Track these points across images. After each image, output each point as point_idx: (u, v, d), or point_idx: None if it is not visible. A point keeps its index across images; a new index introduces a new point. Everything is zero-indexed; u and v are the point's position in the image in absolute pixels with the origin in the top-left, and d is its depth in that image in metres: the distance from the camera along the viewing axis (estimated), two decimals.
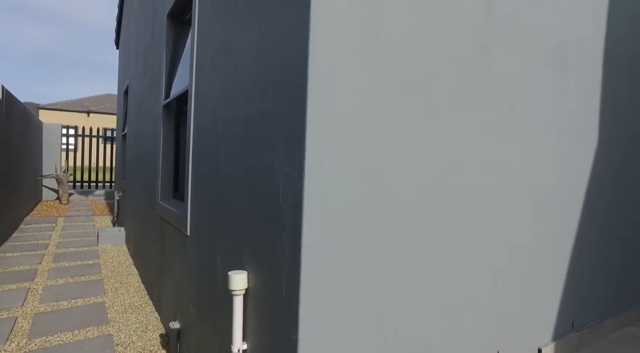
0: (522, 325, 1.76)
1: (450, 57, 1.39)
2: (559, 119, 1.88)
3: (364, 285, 1.18)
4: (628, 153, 2.38)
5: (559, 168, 1.90)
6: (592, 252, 2.15)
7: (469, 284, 1.51)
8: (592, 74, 2.09)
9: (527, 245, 1.76)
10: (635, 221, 2.47)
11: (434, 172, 1.36)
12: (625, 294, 2.40)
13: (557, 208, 1.91)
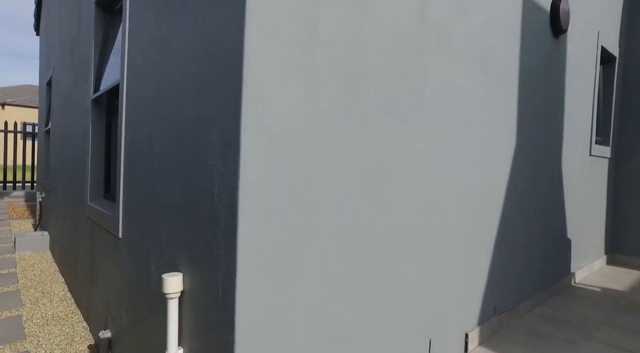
0: (452, 313, 1.90)
1: (385, 59, 1.46)
2: (484, 120, 2.05)
3: (300, 282, 1.21)
4: (540, 152, 2.65)
5: (484, 165, 2.07)
6: (512, 243, 2.36)
7: (403, 277, 1.60)
8: (512, 82, 2.29)
9: (456, 239, 1.90)
10: (544, 213, 2.76)
11: (367, 169, 1.42)
12: (536, 279, 2.68)
13: (484, 203, 2.08)
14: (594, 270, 3.69)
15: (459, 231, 1.92)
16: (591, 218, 3.60)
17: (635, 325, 2.38)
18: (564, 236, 3.08)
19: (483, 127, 2.05)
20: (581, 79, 3.22)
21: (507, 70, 2.24)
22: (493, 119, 2.14)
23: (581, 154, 3.31)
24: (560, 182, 2.97)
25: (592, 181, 3.58)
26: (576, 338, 2.17)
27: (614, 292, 3.03)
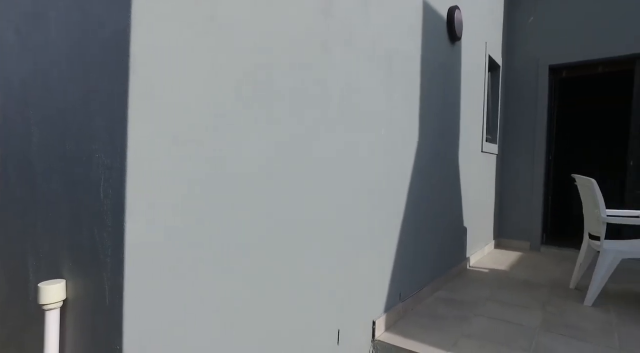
0: (359, 303, 1.97)
1: (291, 52, 1.45)
2: (389, 116, 2.16)
3: (200, 282, 1.15)
4: (440, 148, 2.89)
5: (389, 159, 2.19)
6: (414, 232, 2.54)
7: (309, 269, 1.61)
8: (415, 82, 2.45)
9: (362, 230, 1.97)
10: (443, 204, 3.02)
11: (271, 163, 1.41)
12: (437, 265, 2.92)
13: (388, 195, 2.20)
14: (485, 253, 4.15)
15: (365, 223, 2.01)
16: (483, 208, 4.04)
17: (510, 299, 2.72)
18: (460, 225, 3.41)
19: (388, 122, 2.16)
20: (474, 83, 3.58)
21: (409, 70, 2.39)
22: (397, 115, 2.27)
23: (474, 151, 3.69)
24: (457, 176, 3.27)
25: (484, 175, 4.01)
26: (467, 315, 2.41)
27: (498, 272, 3.44)
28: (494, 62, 4.19)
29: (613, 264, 2.54)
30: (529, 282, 3.17)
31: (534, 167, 4.42)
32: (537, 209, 4.40)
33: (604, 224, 2.56)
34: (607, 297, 2.82)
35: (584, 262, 2.92)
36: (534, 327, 2.24)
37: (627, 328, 2.26)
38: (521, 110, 4.52)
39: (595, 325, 2.31)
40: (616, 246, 2.59)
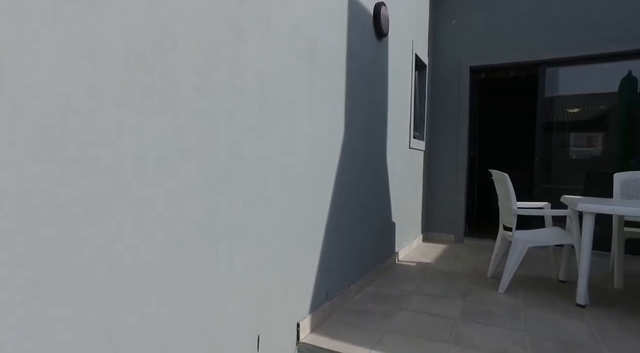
0: (282, 305, 1.88)
1: (197, 38, 1.30)
2: (313, 110, 2.08)
3: (97, 291, 0.98)
4: (367, 143, 2.89)
5: (313, 155, 2.12)
6: (342, 230, 2.51)
7: (223, 273, 1.48)
8: (340, 75, 2.41)
9: (284, 230, 1.88)
10: (372, 200, 3.04)
11: (170, 159, 1.26)
12: (365, 261, 2.93)
13: (313, 192, 2.13)
14: (413, 247, 4.28)
15: (288, 222, 1.92)
16: (412, 203, 4.16)
17: (435, 291, 2.81)
18: (389, 220, 3.46)
19: (311, 117, 2.09)
20: (401, 80, 3.65)
21: (335, 63, 2.34)
22: (322, 109, 2.20)
23: (402, 147, 3.77)
24: (385, 172, 3.31)
25: (412, 170, 4.13)
26: (393, 310, 2.43)
27: (425, 265, 3.56)
28: (420, 61, 4.33)
29: (522, 252, 2.72)
30: (452, 273, 3.30)
31: (457, 163, 4.66)
32: (460, 203, 4.64)
33: (515, 216, 2.73)
34: (517, 282, 3.02)
35: (499, 251, 3.10)
36: (455, 317, 2.32)
37: (530, 311, 2.43)
38: (446, 108, 4.73)
39: (506, 310, 2.44)
40: (524, 236, 2.78)
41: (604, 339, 2.07)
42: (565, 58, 4.13)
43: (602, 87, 4.13)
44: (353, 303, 2.54)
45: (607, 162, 4.12)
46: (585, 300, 2.52)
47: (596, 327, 2.23)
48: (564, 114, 4.29)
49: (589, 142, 4.28)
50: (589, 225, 2.45)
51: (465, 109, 4.60)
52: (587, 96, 4.21)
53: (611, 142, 4.13)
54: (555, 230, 2.94)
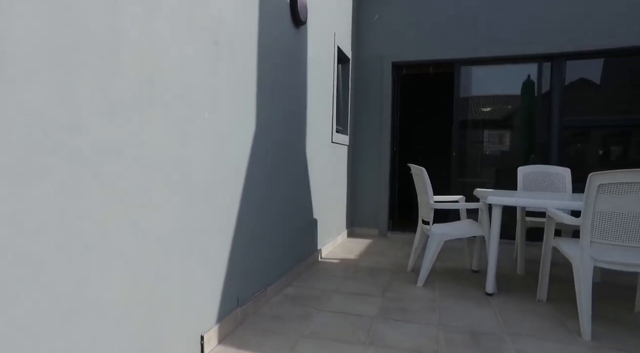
0: (180, 318, 1.65)
1: (52, 11, 1.02)
2: (216, 98, 1.86)
3: None
4: (285, 137, 2.72)
5: (217, 147, 1.90)
6: (255, 227, 2.32)
7: (95, 291, 1.22)
8: (250, 62, 2.20)
9: (183, 234, 1.65)
10: (291, 196, 2.89)
11: (21, 160, 0.98)
12: (284, 261, 2.78)
13: (216, 189, 1.91)
14: (338, 243, 4.23)
15: (185, 224, 1.68)
16: (335, 198, 4.09)
17: (355, 288, 2.75)
18: (310, 217, 3.34)
19: (214, 105, 1.87)
20: (322, 72, 3.54)
21: (245, 48, 2.13)
22: (229, 98, 1.99)
23: (324, 141, 3.67)
24: (306, 167, 3.18)
25: (335, 165, 4.06)
26: (311, 312, 2.30)
27: (348, 261, 3.51)
28: (343, 54, 4.27)
29: (439, 246, 2.76)
30: (374, 269, 3.28)
31: (380, 157, 4.70)
32: (384, 198, 4.69)
33: (432, 210, 2.75)
34: (434, 275, 3.08)
35: (419, 245, 3.14)
36: (373, 316, 2.25)
37: (445, 303, 2.46)
38: (369, 103, 4.74)
39: (423, 304, 2.45)
40: (440, 230, 2.83)
41: (507, 324, 2.15)
42: (478, 58, 4.33)
43: (510, 88, 4.41)
44: (269, 307, 2.38)
45: (514, 157, 4.42)
46: (494, 288, 2.62)
47: (501, 313, 2.31)
48: (478, 113, 4.52)
49: (499, 139, 4.57)
50: (497, 217, 2.54)
51: (388, 104, 4.65)
52: (497, 97, 4.48)
53: (518, 139, 4.44)
54: (469, 222, 3.04)
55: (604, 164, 4.17)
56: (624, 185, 1.88)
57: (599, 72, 4.18)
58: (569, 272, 3.19)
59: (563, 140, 4.21)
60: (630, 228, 1.92)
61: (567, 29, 4.05)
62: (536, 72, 4.25)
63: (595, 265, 2.02)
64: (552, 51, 4.09)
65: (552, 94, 4.21)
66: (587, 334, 1.99)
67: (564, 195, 2.87)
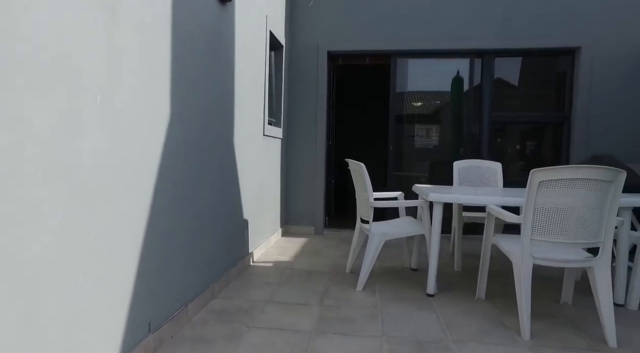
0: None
1: None
2: (110, 80, 1.47)
3: None
4: (208, 129, 2.36)
5: (116, 138, 1.51)
6: (170, 235, 1.95)
7: None
8: (159, 39, 1.82)
9: (63, 251, 1.25)
10: (217, 196, 2.54)
11: None
12: (208, 271, 2.43)
13: (120, 193, 1.53)
14: (272, 244, 3.95)
15: (72, 243, 1.29)
16: (268, 195, 3.79)
17: (291, 296, 2.50)
18: (240, 218, 3.02)
19: (109, 88, 1.47)
20: (253, 58, 3.20)
21: (152, 23, 1.74)
22: (131, 82, 1.60)
23: (255, 134, 3.35)
24: (234, 163, 2.84)
25: (267, 160, 3.75)
26: (240, 329, 2.01)
27: (283, 264, 3.25)
28: (276, 40, 3.95)
29: (379, 247, 2.61)
30: (310, 272, 3.06)
31: (316, 152, 4.48)
32: (319, 194, 4.49)
33: (371, 208, 2.59)
34: (374, 276, 2.94)
35: (357, 245, 2.97)
36: (310, 330, 2.02)
37: (387, 309, 2.31)
38: (304, 94, 4.49)
39: (364, 311, 2.27)
40: (381, 229, 2.68)
41: (451, 329, 2.05)
42: (414, 50, 4.28)
43: (442, 83, 4.43)
44: (191, 327, 2.03)
45: (445, 151, 4.47)
46: (434, 289, 2.53)
47: (443, 316, 2.22)
48: (413, 107, 4.49)
49: (432, 134, 4.59)
50: (439, 215, 2.44)
51: (324, 95, 4.43)
52: (431, 92, 4.48)
53: (449, 133, 4.49)
54: (409, 220, 2.93)
55: (528, 159, 4.38)
56: (565, 182, 1.85)
57: (518, 70, 4.36)
58: (502, 265, 3.25)
59: (493, 134, 4.33)
60: (569, 225, 1.90)
61: (496, 27, 4.14)
62: (468, 67, 4.31)
63: (535, 263, 1.98)
64: (483, 47, 4.16)
65: (483, 89, 4.30)
66: (526, 334, 1.95)
67: (501, 190, 2.88)
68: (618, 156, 4.00)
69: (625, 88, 4.05)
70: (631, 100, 4.05)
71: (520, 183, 3.87)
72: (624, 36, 4.02)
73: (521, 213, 2.13)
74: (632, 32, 4.01)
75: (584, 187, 1.84)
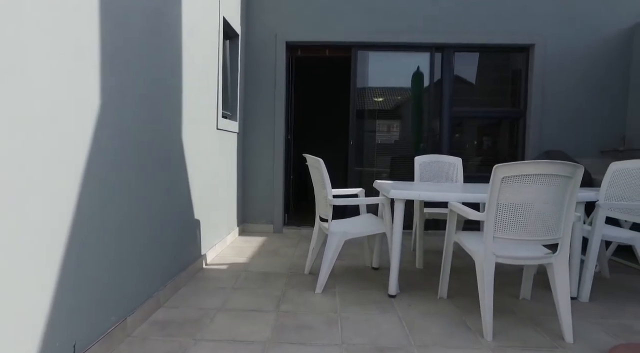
0: None
1: None
2: (9, 55, 1.21)
3: None
4: (148, 121, 2.11)
5: (28, 134, 1.25)
6: (100, 243, 1.71)
7: None
8: (79, 12, 1.57)
9: None
10: (162, 195, 2.30)
11: None
12: (152, 278, 2.19)
13: (31, 195, 1.28)
14: (227, 244, 3.72)
15: None
16: (223, 193, 3.56)
17: (245, 302, 2.32)
18: (191, 218, 2.78)
19: (13, 68, 1.22)
20: (203, 45, 2.96)
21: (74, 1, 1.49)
22: (44, 62, 1.35)
23: (208, 127, 3.11)
24: (182, 159, 2.60)
25: (222, 155, 3.51)
26: (186, 344, 1.80)
27: (238, 266, 3.04)
28: (231, 28, 3.71)
29: (339, 246, 2.48)
30: (267, 274, 2.88)
31: (274, 146, 4.29)
32: (278, 190, 4.31)
33: (330, 206, 2.45)
34: (334, 276, 2.82)
35: (316, 245, 2.83)
36: (265, 341, 1.85)
37: (347, 313, 2.18)
38: (261, 86, 4.27)
39: (323, 317, 2.13)
40: (341, 227, 2.55)
41: (413, 332, 1.95)
42: (375, 43, 4.18)
43: (403, 78, 4.37)
44: (129, 344, 1.80)
45: (406, 146, 4.43)
46: (396, 289, 2.44)
47: (406, 319, 2.12)
48: (373, 102, 4.40)
49: (393, 129, 4.53)
50: (400, 213, 2.35)
51: (282, 88, 4.24)
52: (392, 87, 4.41)
53: (410, 128, 4.45)
54: (370, 218, 2.83)
55: (486, 154, 4.42)
56: (528, 177, 1.79)
57: (476, 66, 4.39)
58: (462, 261, 3.23)
59: (453, 129, 4.34)
60: (531, 221, 1.85)
61: (456, 22, 4.13)
62: (428, 62, 4.28)
63: (497, 262, 1.92)
64: (442, 41, 4.14)
65: (443, 84, 4.28)
66: (489, 335, 1.90)
67: (462, 186, 2.84)
68: (568, 152, 4.13)
69: (575, 86, 4.18)
70: (581, 98, 4.18)
71: (479, 178, 3.91)
72: (575, 35, 4.14)
73: (482, 209, 2.08)
74: (582, 31, 4.14)
75: (547, 182, 1.80)
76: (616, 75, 4.16)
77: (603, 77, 4.16)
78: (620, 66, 4.15)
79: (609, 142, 4.17)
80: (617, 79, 4.16)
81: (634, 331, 2.05)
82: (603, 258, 2.91)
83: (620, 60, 4.15)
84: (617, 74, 4.16)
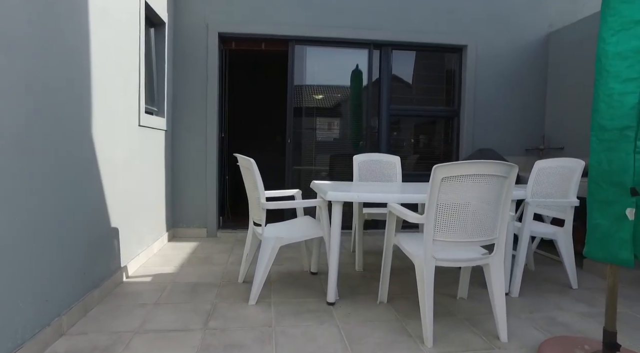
0: None
1: None
2: None
3: None
4: (44, 116, 1.77)
5: None
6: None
7: None
8: None
9: None
10: (65, 203, 1.96)
11: None
12: (48, 301, 1.84)
13: None
14: (154, 252, 3.38)
15: None
16: (148, 196, 3.21)
17: (169, 322, 2.07)
18: (105, 226, 2.43)
19: None
20: (118, 31, 2.61)
21: None
22: None
23: (127, 125, 2.76)
24: (93, 159, 2.26)
25: (146, 155, 3.17)
26: None
27: (164, 278, 2.75)
28: (156, 15, 3.35)
29: (274, 253, 2.30)
30: (196, 285, 2.62)
31: (206, 145, 3.98)
32: (211, 192, 4.02)
33: (263, 210, 2.26)
34: (269, 284, 2.63)
35: (250, 251, 2.62)
36: None
37: (283, 327, 2.01)
38: (192, 80, 3.94)
39: (256, 333, 1.94)
40: (275, 232, 2.37)
41: (353, 344, 1.84)
42: (312, 37, 4.04)
43: (342, 75, 4.28)
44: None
45: (345, 144, 4.35)
46: (335, 296, 2.32)
47: (345, 328, 2.00)
48: (311, 99, 4.27)
49: (332, 127, 4.44)
50: (338, 216, 2.23)
51: (215, 82, 3.95)
52: (330, 85, 4.31)
53: (349, 126, 4.38)
54: (307, 221, 2.68)
55: (422, 152, 4.49)
56: (468, 178, 1.74)
57: (413, 65, 4.44)
58: (402, 261, 3.20)
59: (391, 127, 4.33)
60: (468, 223, 1.82)
61: (393, 19, 4.12)
62: (367, 59, 4.23)
63: (437, 265, 1.87)
64: (380, 38, 4.11)
65: (381, 82, 4.26)
66: (429, 341, 1.84)
67: (401, 185, 2.79)
68: (498, 150, 4.31)
69: (503, 86, 4.37)
70: (508, 98, 4.39)
71: (417, 176, 3.93)
72: (503, 37, 4.33)
73: (421, 210, 2.02)
74: (508, 34, 4.33)
75: (485, 182, 1.76)
76: (536, 78, 4.42)
77: (526, 79, 4.40)
78: (539, 69, 4.42)
79: (532, 141, 4.42)
80: (537, 81, 4.42)
81: (558, 323, 2.12)
82: (529, 252, 3.03)
83: (540, 64, 4.41)
84: (537, 77, 4.42)
